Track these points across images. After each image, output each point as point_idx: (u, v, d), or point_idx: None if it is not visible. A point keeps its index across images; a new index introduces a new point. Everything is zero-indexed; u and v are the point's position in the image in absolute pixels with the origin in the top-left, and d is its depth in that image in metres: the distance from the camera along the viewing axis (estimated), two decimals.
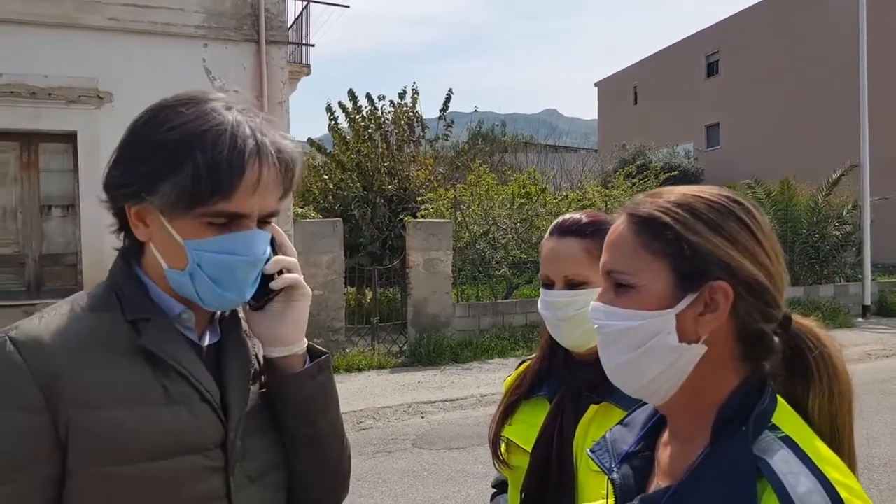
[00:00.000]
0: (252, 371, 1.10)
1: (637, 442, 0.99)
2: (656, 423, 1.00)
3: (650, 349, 0.87)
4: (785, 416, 0.85)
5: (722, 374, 0.87)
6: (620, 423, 1.06)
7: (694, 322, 0.85)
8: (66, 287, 8.77)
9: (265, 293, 1.07)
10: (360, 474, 5.41)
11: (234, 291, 1.02)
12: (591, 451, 1.05)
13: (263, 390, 1.11)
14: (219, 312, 1.11)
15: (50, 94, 8.74)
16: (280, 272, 1.08)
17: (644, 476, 0.95)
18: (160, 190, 0.97)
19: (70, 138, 8.87)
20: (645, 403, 1.02)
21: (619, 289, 0.90)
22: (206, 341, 1.08)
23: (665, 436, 0.97)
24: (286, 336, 1.09)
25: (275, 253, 1.08)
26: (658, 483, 0.92)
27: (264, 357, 1.11)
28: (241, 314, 1.14)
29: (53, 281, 9.03)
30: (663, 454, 0.95)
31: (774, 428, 0.83)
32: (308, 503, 1.16)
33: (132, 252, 1.06)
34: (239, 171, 0.96)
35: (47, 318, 0.98)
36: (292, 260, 1.10)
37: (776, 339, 0.89)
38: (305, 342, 1.12)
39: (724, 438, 0.84)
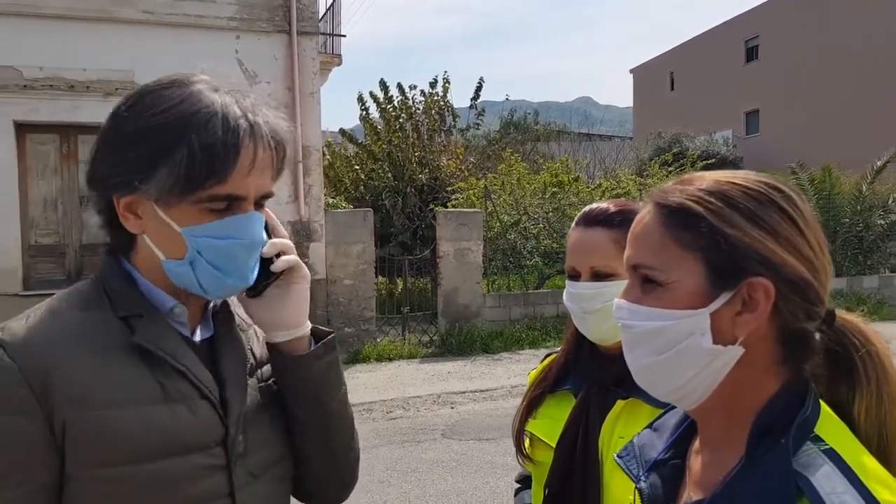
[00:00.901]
0: (248, 365, 1.08)
1: (666, 449, 0.93)
2: (687, 429, 0.93)
3: (681, 351, 0.80)
4: (829, 426, 0.78)
5: (760, 378, 0.80)
6: (649, 426, 1.00)
7: (731, 322, 0.78)
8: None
9: (264, 277, 1.05)
10: (389, 464, 5.42)
11: (236, 276, 0.99)
12: (618, 456, 0.99)
13: (261, 384, 1.08)
14: (211, 306, 1.09)
15: (88, 87, 8.90)
16: (277, 255, 1.06)
17: (673, 486, 0.89)
18: (154, 177, 0.93)
19: None
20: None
21: (647, 285, 0.83)
22: (198, 336, 1.05)
23: (696, 443, 0.90)
24: (291, 319, 1.06)
25: (268, 236, 1.06)
26: (689, 495, 0.86)
27: (268, 343, 1.09)
28: (234, 308, 1.12)
29: (93, 270, 9.10)
30: (695, 463, 0.88)
31: (817, 439, 0.76)
32: (318, 490, 1.15)
33: (120, 247, 1.03)
34: (234, 152, 0.94)
35: (34, 318, 0.95)
36: (288, 242, 1.08)
37: (817, 337, 0.82)
38: (309, 324, 1.10)
39: (762, 450, 0.77)
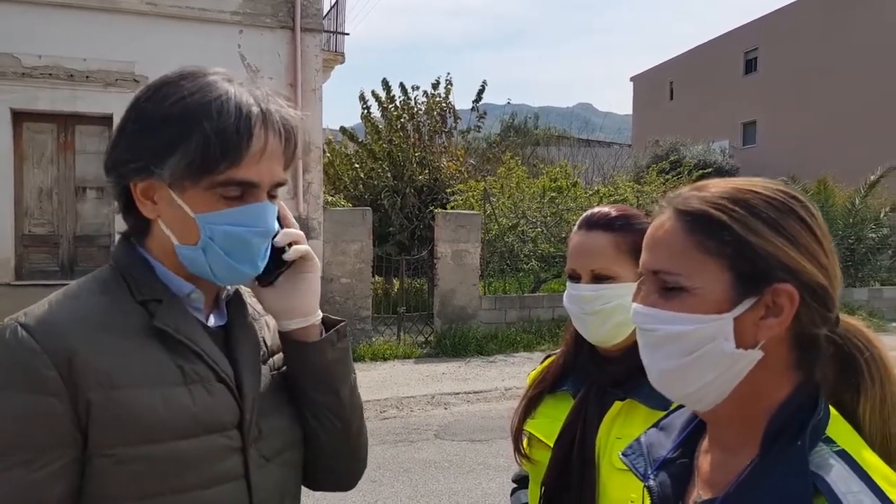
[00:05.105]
0: (261, 353, 1.11)
1: (675, 448, 0.94)
2: (695, 429, 0.94)
3: (703, 355, 0.81)
4: (839, 428, 0.80)
5: (774, 381, 0.82)
6: (656, 426, 1.01)
7: (754, 326, 0.80)
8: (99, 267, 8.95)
9: (276, 266, 1.07)
10: (381, 463, 5.42)
11: (248, 264, 1.02)
12: (623, 454, 1.00)
13: (274, 372, 1.11)
14: (224, 294, 1.11)
15: (87, 77, 8.89)
16: (289, 244, 1.08)
17: (682, 484, 0.90)
18: (169, 161, 0.96)
19: (106, 121, 9.01)
20: (680, 406, 0.97)
21: (668, 291, 0.83)
22: (212, 322, 1.08)
23: (705, 443, 0.91)
24: (304, 307, 1.09)
25: (280, 226, 1.08)
26: (699, 493, 0.87)
27: (280, 332, 1.11)
28: (247, 298, 1.15)
29: (87, 261, 9.20)
30: (703, 462, 0.90)
31: (829, 441, 0.78)
32: (331, 474, 1.17)
33: (136, 233, 1.05)
34: (247, 136, 0.97)
35: (56, 303, 0.97)
36: (300, 232, 1.11)
37: (825, 341, 0.84)
38: (320, 312, 1.13)
39: (777, 451, 0.79)
